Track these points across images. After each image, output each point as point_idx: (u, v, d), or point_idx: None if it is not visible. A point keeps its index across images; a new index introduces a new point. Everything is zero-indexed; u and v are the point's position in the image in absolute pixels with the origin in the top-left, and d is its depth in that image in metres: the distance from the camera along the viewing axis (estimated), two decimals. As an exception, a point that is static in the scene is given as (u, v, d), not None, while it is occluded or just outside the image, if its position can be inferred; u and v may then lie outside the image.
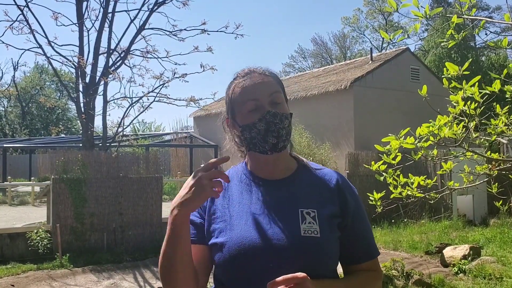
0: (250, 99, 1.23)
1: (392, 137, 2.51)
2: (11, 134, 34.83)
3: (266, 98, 1.23)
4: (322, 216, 1.19)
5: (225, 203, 1.25)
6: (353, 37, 38.62)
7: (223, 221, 1.21)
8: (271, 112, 1.21)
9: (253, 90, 1.23)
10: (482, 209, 11.23)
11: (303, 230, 1.15)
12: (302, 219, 1.17)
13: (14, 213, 11.84)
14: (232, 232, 1.18)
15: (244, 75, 1.28)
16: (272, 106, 1.22)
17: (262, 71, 1.28)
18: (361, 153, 11.78)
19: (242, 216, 1.20)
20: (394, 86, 14.38)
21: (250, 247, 1.14)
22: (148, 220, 9.16)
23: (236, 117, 1.27)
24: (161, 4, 10.44)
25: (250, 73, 1.27)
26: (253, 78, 1.25)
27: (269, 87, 1.25)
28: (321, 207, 1.21)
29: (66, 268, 7.48)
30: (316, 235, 1.15)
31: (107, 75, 9.96)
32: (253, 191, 1.25)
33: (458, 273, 6.61)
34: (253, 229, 1.16)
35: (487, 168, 2.79)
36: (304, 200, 1.22)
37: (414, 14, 2.16)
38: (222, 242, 1.17)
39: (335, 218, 1.22)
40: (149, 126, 36.46)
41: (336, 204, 1.23)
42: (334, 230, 1.20)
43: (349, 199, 1.26)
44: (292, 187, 1.25)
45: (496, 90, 2.33)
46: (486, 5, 32.53)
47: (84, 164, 8.67)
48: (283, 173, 1.28)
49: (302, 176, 1.29)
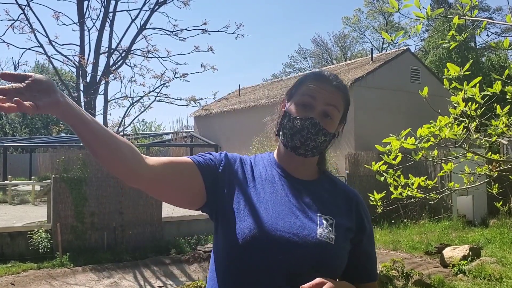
0: (309, 95, 1.24)
1: (393, 138, 2.51)
2: (11, 133, 34.85)
3: (321, 104, 1.23)
4: (339, 226, 1.20)
5: (250, 183, 1.24)
6: (354, 37, 38.63)
7: (245, 200, 1.19)
8: (313, 120, 1.21)
9: (317, 90, 1.24)
10: (482, 210, 11.24)
11: (319, 233, 1.15)
12: (320, 223, 1.17)
13: (15, 212, 11.85)
14: (250, 215, 1.16)
15: (322, 76, 1.28)
16: (321, 115, 1.23)
17: (338, 83, 1.28)
18: (361, 153, 11.79)
19: (262, 203, 1.19)
20: (394, 87, 14.38)
21: (264, 236, 1.13)
22: (149, 220, 9.17)
23: (290, 101, 1.28)
24: (162, 4, 10.44)
25: (328, 78, 1.27)
26: (325, 84, 1.25)
27: (331, 98, 1.24)
28: (340, 217, 1.22)
29: (66, 267, 7.49)
30: (331, 241, 1.15)
31: (108, 74, 9.96)
32: (277, 182, 1.25)
33: (458, 274, 6.61)
34: (271, 219, 1.16)
35: (487, 169, 2.79)
36: (324, 206, 1.22)
37: (416, 15, 2.16)
38: (240, 227, 1.14)
39: (349, 231, 1.23)
40: (150, 126, 36.50)
41: (353, 220, 1.25)
42: (347, 242, 1.22)
43: (365, 221, 1.29)
44: (314, 190, 1.26)
45: (497, 91, 2.33)
46: (487, 6, 32.53)
47: (84, 163, 8.68)
48: (307, 176, 1.29)
49: (324, 183, 1.30)
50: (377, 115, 13.67)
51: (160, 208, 9.34)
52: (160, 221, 9.29)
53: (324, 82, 1.26)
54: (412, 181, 2.76)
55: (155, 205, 9.29)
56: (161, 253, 8.45)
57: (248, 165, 1.30)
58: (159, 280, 7.09)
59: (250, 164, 1.31)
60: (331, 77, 1.28)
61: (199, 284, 5.79)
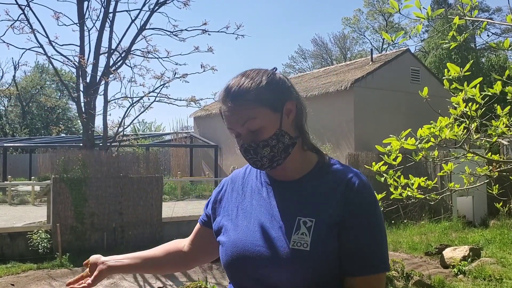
0: (229, 128, 1.20)
1: (393, 138, 2.51)
2: (11, 134, 34.84)
3: (239, 129, 1.17)
4: (319, 226, 1.11)
5: (239, 199, 1.27)
6: (354, 38, 38.66)
7: (230, 219, 1.25)
8: (244, 147, 1.17)
9: (228, 120, 1.18)
10: (482, 211, 11.24)
11: (292, 241, 1.10)
12: (297, 228, 1.12)
13: (14, 213, 11.84)
14: (233, 233, 1.20)
15: (221, 100, 1.20)
16: (250, 134, 1.16)
17: (234, 96, 1.16)
18: (361, 153, 11.78)
19: (246, 217, 1.22)
20: (394, 87, 14.39)
21: (242, 251, 1.16)
22: (148, 220, 9.16)
23: None
24: (162, 4, 10.45)
25: (225, 99, 1.18)
26: (226, 106, 1.17)
27: (239, 119, 1.15)
28: (322, 215, 1.12)
29: (66, 268, 7.48)
30: (306, 248, 1.09)
31: (107, 75, 9.97)
32: (263, 191, 1.24)
33: (458, 274, 6.61)
34: (251, 234, 1.17)
35: (487, 170, 2.79)
36: (306, 207, 1.15)
37: (416, 15, 2.16)
38: (223, 241, 1.22)
39: (334, 227, 1.11)
40: (149, 126, 36.50)
41: (339, 210, 1.13)
42: (331, 242, 1.11)
43: (354, 203, 1.13)
44: (299, 190, 1.19)
45: (497, 91, 2.33)
46: (487, 7, 32.53)
47: (84, 163, 8.68)
48: (296, 173, 1.22)
49: (313, 179, 1.20)
50: (377, 116, 13.68)
51: (159, 208, 9.34)
52: (160, 221, 9.29)
53: (225, 105, 1.18)
54: (412, 182, 2.76)
55: (155, 206, 9.29)
56: (161, 254, 8.44)
57: (239, 181, 1.32)
58: (159, 281, 7.08)
59: (242, 177, 1.32)
60: (228, 88, 1.18)
61: (199, 285, 5.78)
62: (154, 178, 9.37)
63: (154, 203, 9.26)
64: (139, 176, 9.21)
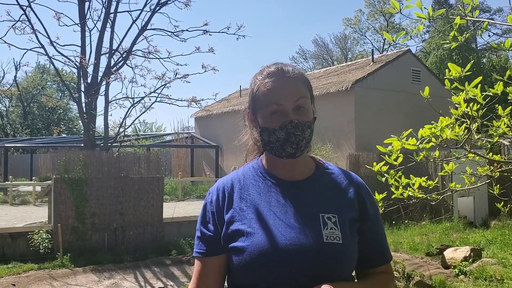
0: (275, 103, 1.18)
1: (394, 138, 2.51)
2: (12, 134, 34.87)
3: (291, 104, 1.18)
4: (343, 221, 1.18)
5: (243, 205, 1.21)
6: (354, 38, 38.63)
7: (243, 224, 1.17)
8: (294, 122, 1.17)
9: (279, 93, 1.18)
10: (483, 211, 11.22)
11: (325, 236, 1.13)
12: (324, 224, 1.15)
13: (15, 213, 11.86)
14: (253, 236, 1.14)
15: (272, 75, 1.21)
16: (296, 112, 1.18)
17: (291, 73, 1.21)
18: (362, 154, 11.78)
19: (262, 219, 1.17)
20: (395, 88, 14.38)
21: (272, 252, 1.11)
22: (149, 220, 9.17)
23: (258, 115, 1.23)
24: (163, 5, 10.46)
25: (278, 74, 1.21)
26: (281, 81, 1.19)
27: (296, 92, 1.19)
28: (342, 211, 1.19)
29: (67, 268, 7.49)
30: (338, 241, 1.13)
31: (109, 75, 9.97)
32: (272, 192, 1.22)
33: (459, 275, 6.60)
34: (275, 233, 1.14)
35: (488, 170, 2.79)
36: (325, 204, 1.20)
37: (417, 15, 2.16)
38: (243, 247, 1.14)
39: (355, 222, 1.21)
40: (150, 127, 36.54)
41: (356, 209, 1.22)
42: (354, 235, 1.20)
43: (368, 205, 1.25)
44: (311, 190, 1.22)
45: (499, 92, 2.33)
46: (487, 7, 32.45)
47: (85, 164, 8.68)
48: (302, 174, 1.25)
49: (321, 178, 1.26)
50: (378, 116, 13.67)
51: (160, 208, 9.34)
52: (160, 221, 9.29)
53: (279, 75, 1.20)
54: (413, 182, 2.75)
55: (156, 206, 9.29)
56: (162, 254, 8.45)
57: (237, 186, 1.25)
58: (160, 281, 7.08)
59: (238, 182, 1.26)
60: (281, 66, 1.23)
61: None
62: (155, 178, 9.38)
63: (155, 203, 9.27)
64: (140, 177, 9.21)
